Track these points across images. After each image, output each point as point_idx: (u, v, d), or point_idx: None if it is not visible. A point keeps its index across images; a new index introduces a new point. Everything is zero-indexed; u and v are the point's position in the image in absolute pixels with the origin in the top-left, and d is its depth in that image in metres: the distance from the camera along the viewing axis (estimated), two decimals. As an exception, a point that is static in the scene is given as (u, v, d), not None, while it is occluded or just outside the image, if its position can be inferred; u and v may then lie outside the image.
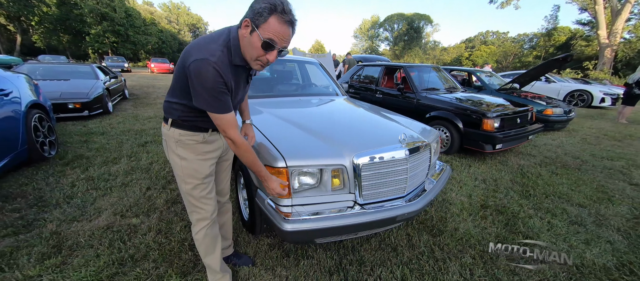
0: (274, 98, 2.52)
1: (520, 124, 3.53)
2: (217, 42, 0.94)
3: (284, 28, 0.88)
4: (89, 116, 4.60)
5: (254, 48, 0.91)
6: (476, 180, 2.82)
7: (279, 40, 0.89)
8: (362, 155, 1.42)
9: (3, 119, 2.25)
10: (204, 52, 0.90)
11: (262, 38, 0.87)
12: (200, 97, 0.94)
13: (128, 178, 2.50)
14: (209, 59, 0.88)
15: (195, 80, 0.90)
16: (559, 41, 36.62)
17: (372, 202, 1.47)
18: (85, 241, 1.64)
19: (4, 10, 24.62)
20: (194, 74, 0.90)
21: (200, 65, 0.88)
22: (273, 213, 1.35)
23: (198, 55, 0.89)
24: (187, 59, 0.92)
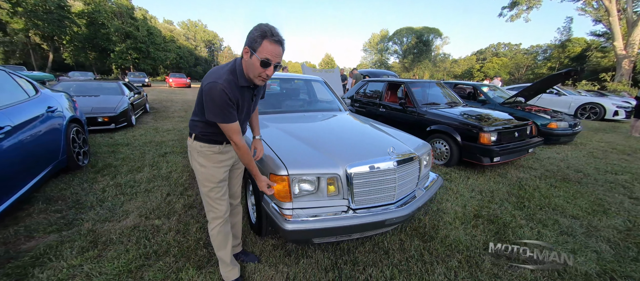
0: (280, 114, 2.78)
1: (518, 138, 3.63)
2: (225, 69, 1.22)
3: (275, 47, 1.12)
4: (115, 129, 5.04)
5: (255, 67, 1.15)
6: (473, 191, 2.94)
7: (273, 57, 1.13)
8: (354, 165, 1.63)
9: (50, 132, 2.61)
10: (214, 77, 1.17)
11: (259, 59, 1.11)
12: (211, 111, 1.19)
13: (150, 185, 2.80)
14: (217, 81, 1.15)
15: (207, 97, 1.17)
16: (573, 52, 35.88)
17: (364, 207, 1.66)
18: (116, 238, 1.90)
19: (39, 30, 26.95)
20: (206, 93, 1.17)
21: (211, 86, 1.15)
22: (277, 215, 1.57)
23: (210, 80, 1.17)
24: (203, 83, 1.21)
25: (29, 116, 2.36)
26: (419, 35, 47.46)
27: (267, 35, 1.10)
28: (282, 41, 1.15)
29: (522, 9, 24.35)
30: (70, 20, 28.02)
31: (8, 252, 1.71)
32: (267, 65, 1.14)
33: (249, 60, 1.15)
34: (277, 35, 1.12)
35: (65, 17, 27.42)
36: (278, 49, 1.13)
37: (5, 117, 2.06)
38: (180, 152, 3.97)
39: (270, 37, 1.10)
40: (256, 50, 1.11)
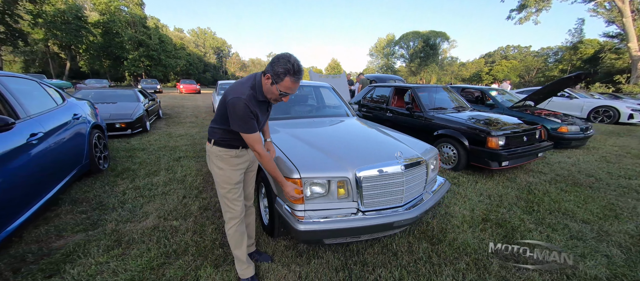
0: (291, 119, 2.88)
1: (527, 142, 3.62)
2: (246, 85, 1.36)
3: (295, 85, 1.30)
4: (131, 134, 5.26)
5: (273, 94, 1.34)
6: (481, 195, 2.95)
7: (291, 91, 1.32)
8: (363, 169, 1.70)
9: (75, 138, 2.79)
10: (238, 92, 1.32)
11: (279, 91, 1.30)
12: (235, 123, 1.33)
13: (167, 188, 2.93)
14: (241, 97, 1.30)
15: (232, 111, 1.31)
16: (586, 54, 35.04)
17: (373, 209, 1.73)
18: (138, 237, 2.02)
19: (58, 40, 28.23)
20: (230, 107, 1.32)
21: (235, 101, 1.30)
22: (289, 216, 1.66)
23: (234, 95, 1.31)
24: (226, 97, 1.36)
25: (58, 123, 2.53)
26: (425, 39, 47.29)
27: (290, 73, 1.25)
28: (301, 77, 1.31)
29: (531, 12, 24.04)
30: (86, 29, 29.25)
31: (41, 249, 1.85)
32: (285, 95, 1.33)
33: (269, 86, 1.31)
34: (299, 73, 1.28)
35: (82, 27, 28.65)
36: (296, 84, 1.30)
37: (38, 124, 2.23)
38: (193, 156, 4.12)
39: (292, 75, 1.26)
40: (278, 83, 1.28)
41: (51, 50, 31.39)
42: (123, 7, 32.99)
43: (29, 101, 2.39)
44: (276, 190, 1.83)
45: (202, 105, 12.31)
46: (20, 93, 2.35)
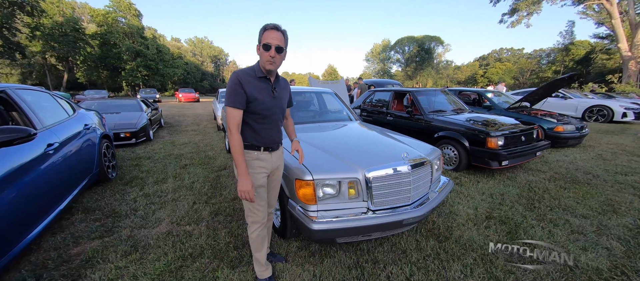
0: (297, 125, 2.96)
1: (525, 141, 3.73)
2: (248, 67, 1.45)
3: (272, 32, 1.32)
4: (136, 143, 5.31)
5: (262, 54, 1.36)
6: (483, 194, 3.04)
7: (272, 40, 1.31)
8: (372, 170, 1.78)
9: (87, 147, 2.85)
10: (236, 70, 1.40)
11: (261, 44, 1.33)
12: (226, 95, 1.38)
13: (176, 194, 2.98)
14: (236, 71, 1.38)
15: (227, 85, 1.39)
16: (578, 55, 35.79)
17: (382, 208, 1.80)
18: (153, 242, 2.07)
19: (55, 52, 28.35)
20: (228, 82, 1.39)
21: (231, 76, 1.39)
22: (303, 216, 1.73)
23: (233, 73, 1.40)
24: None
25: (71, 133, 2.60)
26: (420, 43, 48.02)
27: (266, 28, 1.34)
28: (278, 27, 1.34)
29: (522, 15, 24.57)
30: (84, 41, 29.44)
31: (61, 256, 1.89)
32: (268, 48, 1.32)
33: (259, 52, 1.37)
34: (273, 24, 1.34)
35: (80, 39, 28.84)
36: (274, 32, 1.33)
37: (53, 135, 2.30)
38: (199, 163, 4.18)
39: (268, 27, 1.33)
40: (260, 42, 1.34)
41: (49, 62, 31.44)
42: (121, 19, 33.30)
43: (43, 112, 2.46)
44: (288, 192, 1.90)
45: (202, 113, 12.38)
46: (35, 104, 2.42)
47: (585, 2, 21.99)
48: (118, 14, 32.93)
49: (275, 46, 1.32)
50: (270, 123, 1.48)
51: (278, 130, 1.55)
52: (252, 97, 1.37)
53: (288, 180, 1.88)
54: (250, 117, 1.42)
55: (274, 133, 1.51)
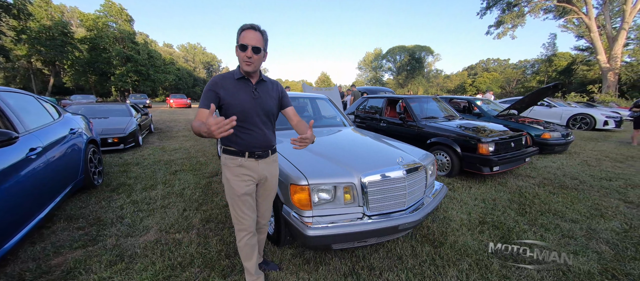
0: (292, 130, 2.95)
1: (515, 148, 3.82)
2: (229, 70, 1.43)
3: (249, 32, 1.28)
4: (124, 149, 5.15)
5: (239, 55, 1.33)
6: (476, 199, 3.07)
7: (248, 41, 1.28)
8: (367, 174, 1.77)
9: (72, 153, 2.74)
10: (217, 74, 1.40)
11: (238, 44, 1.31)
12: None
13: (166, 201, 2.89)
14: (216, 75, 1.39)
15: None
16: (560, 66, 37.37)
17: (378, 213, 1.79)
18: (141, 251, 1.98)
19: (42, 56, 27.55)
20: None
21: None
22: (298, 222, 1.69)
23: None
24: None
25: (55, 137, 2.49)
26: (411, 53, 49.23)
27: (244, 28, 1.30)
28: (256, 27, 1.31)
29: (507, 27, 25.59)
30: (72, 45, 28.76)
31: (40, 267, 1.78)
32: (245, 48, 1.29)
33: (237, 53, 1.34)
34: (249, 24, 1.31)
35: (68, 43, 28.17)
36: (252, 32, 1.29)
37: (36, 139, 2.20)
38: (190, 169, 4.08)
39: (246, 27, 1.30)
40: (239, 42, 1.31)
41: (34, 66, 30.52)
42: (111, 24, 32.83)
43: (27, 116, 2.36)
44: (283, 198, 1.87)
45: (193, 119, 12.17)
46: (18, 108, 2.32)
47: (566, 16, 23.18)
48: (109, 19, 32.46)
49: (252, 46, 1.29)
50: (252, 126, 1.39)
51: (264, 134, 1.43)
52: (225, 99, 1.34)
53: (282, 186, 1.84)
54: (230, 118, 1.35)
55: (258, 137, 1.41)
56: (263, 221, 1.67)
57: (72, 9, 36.59)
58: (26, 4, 22.59)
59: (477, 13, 26.71)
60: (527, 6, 23.56)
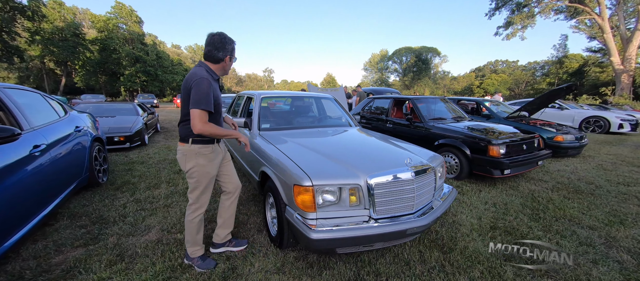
0: (296, 129, 2.89)
1: (527, 150, 3.68)
2: (201, 71, 1.56)
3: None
4: (130, 147, 5.18)
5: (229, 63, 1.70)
6: (486, 203, 2.96)
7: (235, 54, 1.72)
8: (374, 176, 1.70)
9: (76, 150, 2.74)
10: (198, 75, 1.52)
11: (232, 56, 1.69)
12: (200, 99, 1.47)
13: (169, 200, 2.86)
14: (204, 77, 1.52)
15: (198, 89, 1.48)
16: (571, 68, 36.55)
17: (385, 216, 1.71)
18: (141, 251, 1.95)
19: (54, 57, 28.28)
20: (197, 85, 1.49)
21: (201, 81, 1.50)
22: (301, 225, 1.63)
23: (196, 77, 1.51)
24: (189, 84, 1.52)
25: (60, 135, 2.50)
26: (417, 54, 48.83)
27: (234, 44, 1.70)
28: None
29: (517, 28, 25.09)
30: (83, 46, 29.45)
31: (40, 265, 1.76)
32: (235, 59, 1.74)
33: (228, 61, 1.68)
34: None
35: (80, 44, 28.85)
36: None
37: (41, 136, 2.19)
38: (194, 169, 4.06)
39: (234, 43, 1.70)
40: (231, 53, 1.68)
41: (47, 67, 31.35)
42: (122, 25, 33.50)
43: (33, 113, 2.36)
44: (286, 199, 1.81)
45: (199, 119, 12.24)
46: (24, 105, 2.32)
47: (578, 17, 22.60)
48: (119, 20, 33.14)
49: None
50: (220, 116, 1.74)
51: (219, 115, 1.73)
52: (215, 97, 1.60)
53: (286, 186, 1.79)
54: (212, 115, 1.59)
55: (222, 125, 1.78)
56: (236, 192, 1.96)
57: (84, 11, 37.50)
58: (40, 6, 23.21)
59: (485, 14, 26.29)
60: (538, 7, 23.07)
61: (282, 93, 3.84)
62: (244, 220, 2.46)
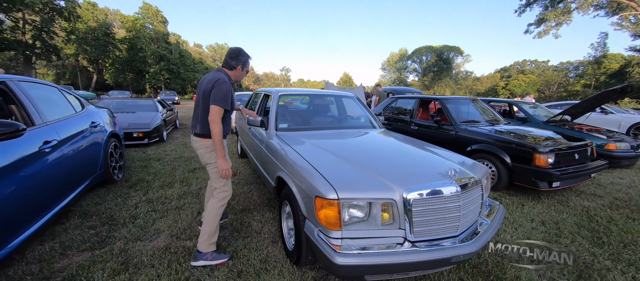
0: (317, 130, 2.65)
1: (578, 160, 3.20)
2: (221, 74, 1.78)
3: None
4: (148, 143, 5.20)
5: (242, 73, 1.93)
6: (532, 221, 2.56)
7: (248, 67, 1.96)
8: (412, 189, 1.42)
9: (91, 146, 2.67)
10: (220, 78, 1.74)
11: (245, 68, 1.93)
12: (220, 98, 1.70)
13: (181, 202, 2.73)
14: (226, 80, 1.76)
15: (220, 89, 1.70)
16: (611, 69, 33.52)
17: (424, 239, 1.43)
18: (147, 260, 1.79)
19: (87, 55, 30.10)
20: (220, 86, 1.70)
21: (222, 83, 1.73)
22: (323, 244, 1.38)
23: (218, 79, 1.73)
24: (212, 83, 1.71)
25: (74, 131, 2.42)
26: (439, 53, 47.01)
27: (249, 58, 1.94)
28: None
29: (550, 25, 23.31)
30: (113, 45, 31.09)
31: (42, 271, 1.65)
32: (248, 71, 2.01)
33: (241, 72, 1.92)
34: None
35: (110, 43, 30.48)
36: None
37: (53, 131, 2.11)
38: (208, 168, 3.95)
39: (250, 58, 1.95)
40: (246, 66, 1.93)
41: (80, 64, 33.43)
42: (148, 25, 35.00)
43: (47, 107, 2.30)
44: (306, 212, 1.57)
45: (217, 117, 12.38)
46: (39, 99, 2.26)
47: (621, 13, 20.58)
48: (146, 20, 34.65)
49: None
50: (231, 113, 1.92)
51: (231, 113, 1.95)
52: (232, 98, 1.83)
53: (305, 196, 1.55)
54: (227, 113, 1.83)
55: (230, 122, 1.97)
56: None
57: (114, 12, 39.60)
58: (76, 7, 24.70)
59: (515, 10, 24.66)
60: (575, 2, 21.28)
61: (302, 90, 3.62)
62: (258, 229, 2.25)
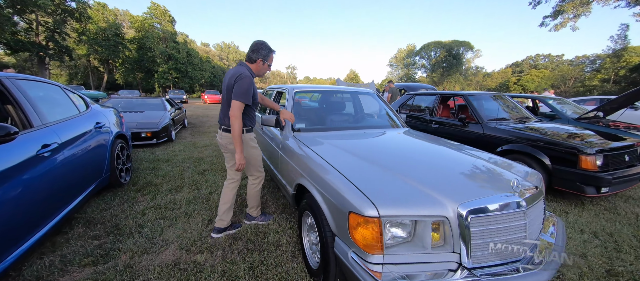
0: (338, 131, 2.40)
1: (629, 162, 2.86)
2: (243, 69, 1.85)
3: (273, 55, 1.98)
4: (156, 143, 5.07)
5: (265, 70, 1.96)
6: (582, 232, 2.26)
7: (273, 62, 2.00)
8: (469, 204, 1.16)
9: (96, 149, 2.50)
10: (242, 73, 1.81)
11: (268, 65, 1.96)
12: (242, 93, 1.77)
13: (190, 207, 2.54)
14: (248, 75, 1.82)
15: (241, 84, 1.77)
16: (631, 62, 31.96)
17: (483, 265, 1.17)
18: (154, 278, 1.59)
19: (98, 55, 30.60)
20: (242, 81, 1.77)
21: (244, 78, 1.79)
22: (359, 270, 1.15)
23: (240, 74, 1.80)
24: (235, 77, 1.79)
25: (76, 132, 2.25)
26: (448, 48, 45.86)
27: (272, 51, 1.95)
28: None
29: (568, 17, 22.24)
30: (123, 45, 31.50)
31: (38, 292, 1.47)
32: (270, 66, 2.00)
33: (262, 66, 1.93)
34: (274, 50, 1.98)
35: (120, 43, 30.89)
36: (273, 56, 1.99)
37: (53, 134, 1.93)
38: (218, 169, 3.76)
39: (273, 51, 1.96)
40: (267, 60, 1.94)
41: (92, 64, 34.04)
42: (156, 25, 35.31)
43: (48, 107, 2.13)
44: (336, 229, 1.33)
45: (225, 115, 12.27)
46: (40, 99, 2.10)
47: (647, 2, 19.43)
48: (154, 20, 34.95)
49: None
50: (256, 108, 2.06)
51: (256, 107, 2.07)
52: (254, 92, 1.89)
53: (335, 211, 1.31)
54: (250, 108, 1.92)
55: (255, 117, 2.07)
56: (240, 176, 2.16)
57: (124, 12, 40.11)
58: (86, 8, 25.05)
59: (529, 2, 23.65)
60: (595, -8, 20.20)
61: (318, 87, 3.37)
62: (275, 240, 2.03)
